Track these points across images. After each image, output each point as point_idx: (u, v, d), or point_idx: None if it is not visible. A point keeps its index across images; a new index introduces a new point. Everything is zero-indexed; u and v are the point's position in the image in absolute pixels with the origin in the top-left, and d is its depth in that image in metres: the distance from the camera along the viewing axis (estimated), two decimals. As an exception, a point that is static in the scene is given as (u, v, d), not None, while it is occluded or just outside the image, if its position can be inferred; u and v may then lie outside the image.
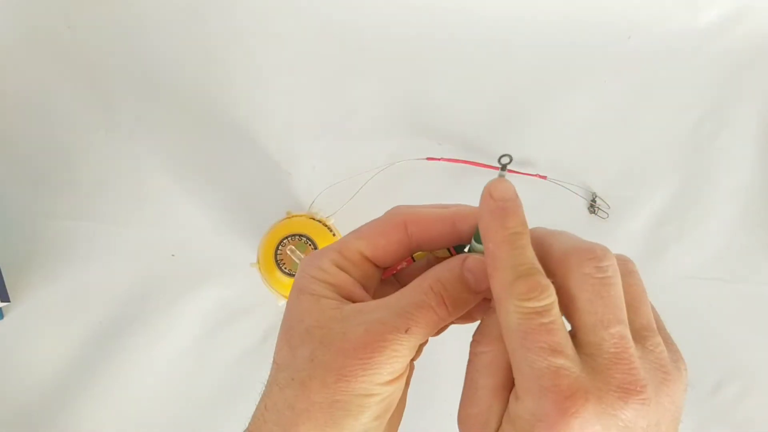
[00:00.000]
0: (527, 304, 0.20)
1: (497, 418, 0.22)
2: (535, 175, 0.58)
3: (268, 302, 0.57)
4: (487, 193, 0.22)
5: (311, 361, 0.23)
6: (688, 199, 0.60)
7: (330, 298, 0.24)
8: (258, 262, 0.54)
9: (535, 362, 0.20)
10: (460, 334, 0.59)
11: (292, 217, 0.55)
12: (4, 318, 0.57)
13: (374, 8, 0.59)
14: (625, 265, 0.24)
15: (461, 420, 0.24)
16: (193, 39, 0.59)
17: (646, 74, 0.61)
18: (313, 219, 0.55)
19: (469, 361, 0.24)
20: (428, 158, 0.59)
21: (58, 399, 0.57)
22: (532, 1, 0.59)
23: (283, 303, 0.55)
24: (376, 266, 0.26)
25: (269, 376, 0.26)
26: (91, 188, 0.59)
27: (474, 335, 0.25)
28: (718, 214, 0.60)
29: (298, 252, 0.52)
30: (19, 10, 0.58)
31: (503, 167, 0.24)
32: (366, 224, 0.26)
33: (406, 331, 0.23)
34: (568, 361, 0.20)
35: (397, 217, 0.25)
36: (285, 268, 0.52)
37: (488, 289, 0.23)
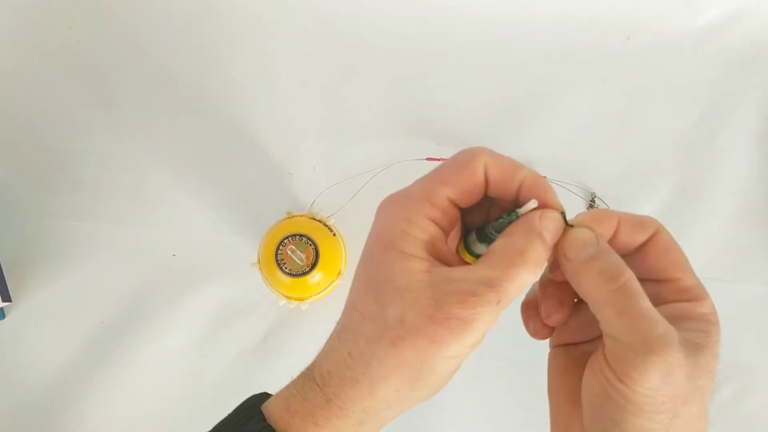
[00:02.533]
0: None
1: (673, 329, 0.24)
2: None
3: (268, 302, 0.57)
4: (561, 255, 0.25)
5: (401, 322, 0.24)
6: (688, 199, 0.60)
7: (420, 257, 0.24)
8: (259, 262, 0.54)
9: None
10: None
11: (293, 217, 0.55)
12: (6, 318, 0.57)
13: (374, 9, 0.59)
14: None
15: (649, 349, 0.23)
16: (194, 40, 0.59)
17: (646, 74, 0.61)
18: (314, 219, 0.55)
19: (620, 295, 0.24)
20: (428, 158, 0.59)
21: (59, 398, 0.57)
22: (531, 1, 0.59)
23: (284, 302, 0.55)
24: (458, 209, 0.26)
25: (347, 320, 0.26)
26: (92, 188, 0.59)
27: (606, 274, 0.25)
28: (718, 214, 0.60)
29: (298, 252, 0.52)
30: (21, 11, 0.58)
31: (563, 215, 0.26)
32: (445, 166, 0.26)
33: (497, 303, 0.24)
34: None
35: (479, 161, 0.25)
36: (285, 268, 0.52)
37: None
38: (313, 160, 0.60)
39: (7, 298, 0.54)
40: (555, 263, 0.27)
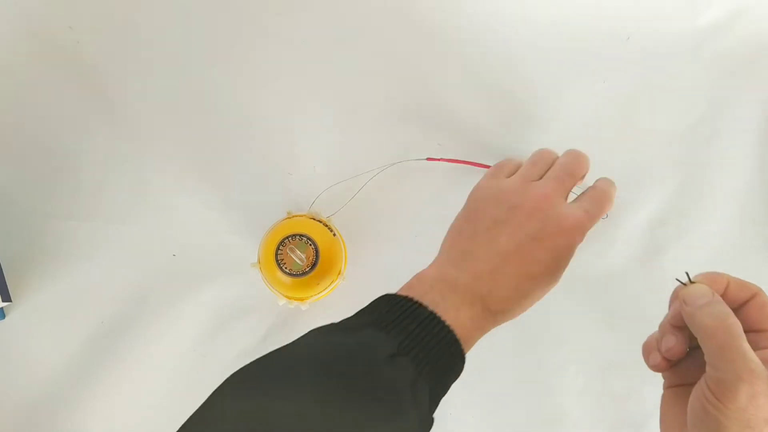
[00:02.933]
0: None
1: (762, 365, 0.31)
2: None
3: (268, 302, 0.57)
4: (682, 302, 0.35)
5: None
6: (688, 199, 0.60)
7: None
8: (258, 262, 0.54)
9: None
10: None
11: (293, 217, 0.55)
12: (6, 318, 0.57)
13: (375, 9, 0.59)
14: None
15: (739, 379, 0.31)
16: (193, 39, 0.59)
17: (646, 74, 0.61)
18: (314, 219, 0.55)
19: (720, 334, 0.32)
20: (428, 158, 0.59)
21: (60, 398, 0.57)
22: (531, 1, 0.59)
23: (284, 302, 0.55)
24: None
25: (522, 288, 0.42)
26: (92, 188, 0.59)
27: (711, 315, 0.33)
28: (718, 214, 0.60)
29: (298, 252, 0.52)
30: (21, 10, 0.58)
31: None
32: (603, 206, 0.46)
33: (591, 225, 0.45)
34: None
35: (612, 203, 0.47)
36: (286, 268, 0.52)
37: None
38: (313, 160, 0.60)
39: (7, 298, 0.54)
40: (678, 317, 0.36)
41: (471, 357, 0.39)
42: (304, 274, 0.51)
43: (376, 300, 0.39)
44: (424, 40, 0.60)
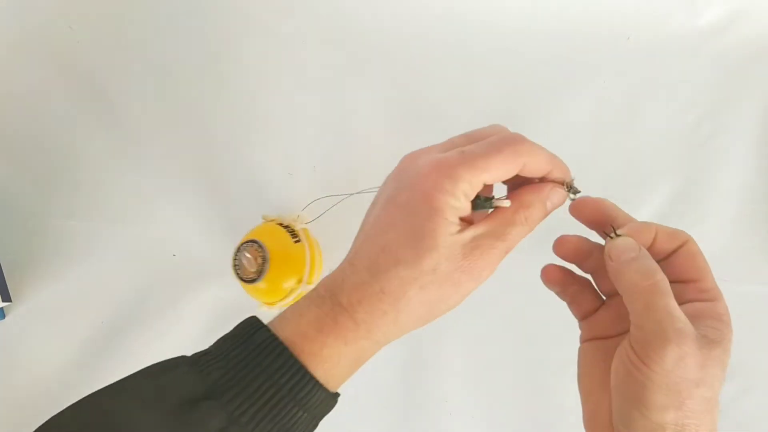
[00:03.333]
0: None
1: (690, 325, 0.29)
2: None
3: (268, 302, 0.57)
4: (607, 257, 0.31)
5: (434, 271, 0.30)
6: (688, 199, 0.60)
7: (455, 222, 0.30)
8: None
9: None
10: (459, 336, 0.59)
11: (267, 221, 0.55)
12: (6, 318, 0.57)
13: (375, 10, 0.59)
14: None
15: (665, 339, 0.28)
16: (194, 40, 0.59)
17: (646, 74, 0.61)
18: (281, 225, 0.54)
19: (647, 293, 0.30)
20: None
21: (60, 398, 0.57)
22: (531, 2, 0.59)
23: (263, 310, 0.54)
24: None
25: (380, 261, 0.30)
26: (91, 188, 0.59)
27: (637, 274, 0.30)
28: (718, 214, 0.60)
29: (250, 258, 0.50)
30: (21, 10, 0.58)
31: (571, 191, 0.34)
32: (490, 154, 0.30)
33: (506, 252, 0.31)
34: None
35: (520, 158, 0.31)
36: (240, 274, 0.51)
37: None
38: (313, 160, 0.60)
39: (7, 298, 0.55)
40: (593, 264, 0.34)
41: (471, 357, 0.39)
42: (253, 281, 0.51)
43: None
44: (424, 40, 0.60)
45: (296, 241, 0.54)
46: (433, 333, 0.57)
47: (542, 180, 0.33)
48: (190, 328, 0.58)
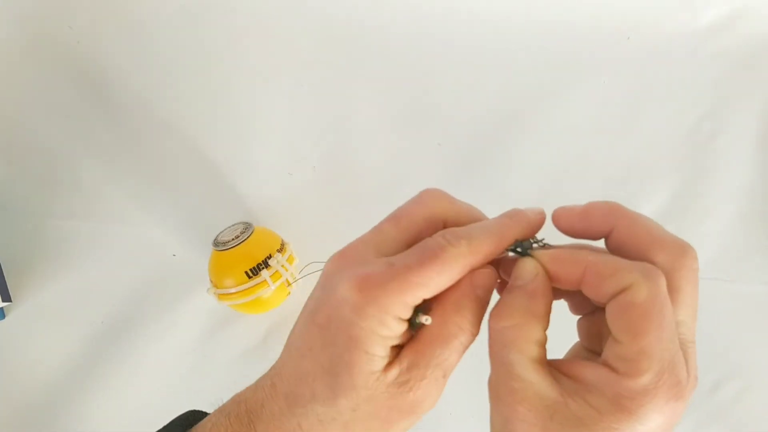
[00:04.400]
0: None
1: (546, 388, 0.23)
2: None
3: (268, 302, 0.57)
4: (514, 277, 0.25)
5: (354, 411, 0.25)
6: (688, 199, 0.60)
7: (382, 356, 0.25)
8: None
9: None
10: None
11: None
12: (6, 318, 0.57)
13: (375, 10, 0.59)
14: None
15: (499, 396, 0.24)
16: (193, 40, 0.59)
17: (646, 74, 0.60)
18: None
19: (492, 338, 0.25)
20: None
21: (60, 398, 0.57)
22: (531, 2, 0.59)
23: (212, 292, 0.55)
24: None
25: (297, 392, 0.26)
26: (91, 188, 0.59)
27: (493, 311, 0.25)
28: (718, 214, 0.60)
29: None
30: (21, 10, 0.58)
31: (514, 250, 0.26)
32: (422, 262, 0.24)
33: (443, 377, 0.26)
34: None
35: (465, 261, 0.25)
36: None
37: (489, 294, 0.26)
38: (313, 160, 0.60)
39: (7, 298, 0.55)
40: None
41: (471, 357, 0.39)
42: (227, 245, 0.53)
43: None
44: (424, 40, 0.60)
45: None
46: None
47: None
48: (190, 327, 0.58)
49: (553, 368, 0.25)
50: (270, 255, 0.53)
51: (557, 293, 0.27)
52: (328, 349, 0.25)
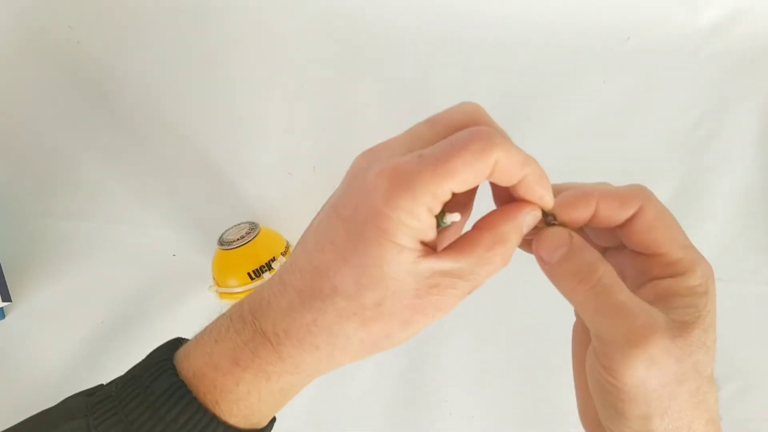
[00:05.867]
0: None
1: (659, 314, 0.24)
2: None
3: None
4: (538, 257, 0.26)
5: (379, 306, 0.24)
6: (688, 199, 0.60)
7: (410, 248, 0.24)
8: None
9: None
10: (460, 337, 0.59)
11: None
12: (6, 318, 0.57)
13: (375, 9, 0.59)
14: None
15: (628, 350, 0.24)
16: (194, 39, 0.59)
17: (646, 74, 0.61)
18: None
19: (588, 297, 0.25)
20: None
21: (59, 398, 0.57)
22: (531, 2, 0.59)
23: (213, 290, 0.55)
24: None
25: (316, 286, 0.25)
26: (91, 188, 0.59)
27: (576, 275, 0.26)
28: (718, 214, 0.60)
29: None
30: (21, 10, 0.58)
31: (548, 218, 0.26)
32: (456, 154, 0.23)
33: (469, 292, 0.25)
34: None
35: (491, 156, 0.24)
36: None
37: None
38: (313, 160, 0.60)
39: (7, 298, 0.54)
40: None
41: (471, 357, 0.39)
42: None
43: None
44: (424, 39, 0.60)
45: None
46: (433, 333, 0.57)
47: (515, 197, 0.26)
48: (190, 327, 0.58)
49: None
50: (274, 258, 0.53)
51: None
52: (353, 240, 0.24)
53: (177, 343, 0.30)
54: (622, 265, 0.28)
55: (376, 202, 0.23)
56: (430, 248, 0.25)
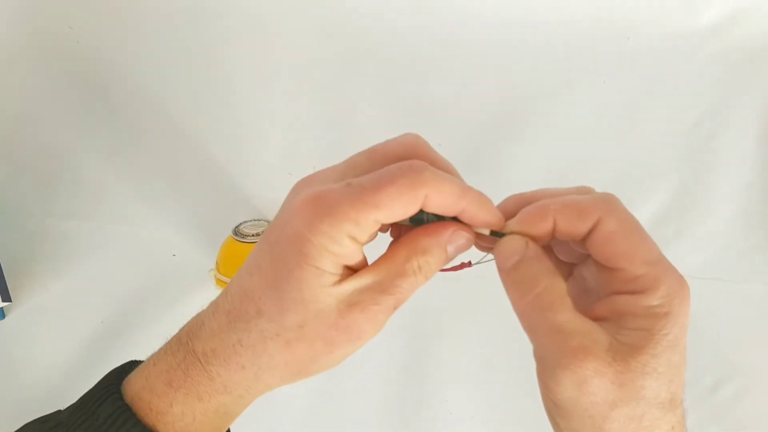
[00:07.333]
0: None
1: (599, 332, 0.24)
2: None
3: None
4: (500, 263, 0.25)
5: (301, 327, 0.24)
6: (688, 199, 0.60)
7: (332, 272, 0.24)
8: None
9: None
10: (460, 336, 0.59)
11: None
12: (6, 318, 0.57)
13: (375, 10, 0.59)
14: None
15: (562, 365, 0.24)
16: (194, 40, 0.59)
17: (646, 74, 0.61)
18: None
19: (527, 313, 0.25)
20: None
21: (60, 398, 0.57)
22: (531, 2, 0.59)
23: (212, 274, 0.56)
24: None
25: (241, 308, 0.26)
26: (91, 188, 0.59)
27: (513, 292, 0.26)
28: (718, 214, 0.60)
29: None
30: (21, 10, 0.58)
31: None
32: (382, 186, 0.23)
33: (394, 308, 0.25)
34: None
35: (419, 190, 0.24)
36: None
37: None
38: (313, 160, 0.60)
39: (7, 298, 0.54)
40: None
41: (471, 357, 0.39)
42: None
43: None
44: (424, 40, 0.60)
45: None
46: (433, 333, 0.57)
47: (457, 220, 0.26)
48: (190, 328, 0.58)
49: None
50: None
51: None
52: (277, 264, 0.24)
53: (129, 366, 0.30)
54: (587, 276, 0.28)
55: (299, 227, 0.24)
56: (355, 271, 0.25)
